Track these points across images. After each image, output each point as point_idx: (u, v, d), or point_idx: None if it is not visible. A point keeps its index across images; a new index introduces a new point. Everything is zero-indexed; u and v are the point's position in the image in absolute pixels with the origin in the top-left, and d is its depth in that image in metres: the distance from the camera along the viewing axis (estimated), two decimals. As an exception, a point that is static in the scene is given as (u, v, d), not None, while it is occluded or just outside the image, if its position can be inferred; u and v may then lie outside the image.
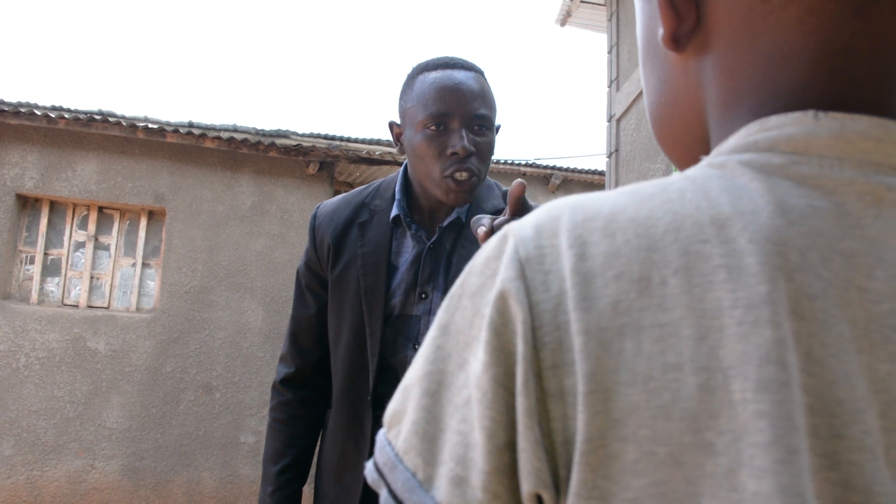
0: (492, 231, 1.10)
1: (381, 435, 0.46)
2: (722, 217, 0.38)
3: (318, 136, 7.81)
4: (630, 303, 0.37)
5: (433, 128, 1.39)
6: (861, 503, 0.34)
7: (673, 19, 0.47)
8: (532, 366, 0.38)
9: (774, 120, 0.42)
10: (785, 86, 0.43)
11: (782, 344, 0.35)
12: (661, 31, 0.48)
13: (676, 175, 0.43)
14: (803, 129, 0.41)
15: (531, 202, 1.15)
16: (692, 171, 0.43)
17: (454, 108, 1.39)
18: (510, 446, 0.38)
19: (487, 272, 0.42)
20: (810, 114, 0.41)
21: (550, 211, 0.42)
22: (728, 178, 0.41)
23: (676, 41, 0.48)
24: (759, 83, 0.44)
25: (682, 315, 0.36)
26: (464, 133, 1.38)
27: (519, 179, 1.11)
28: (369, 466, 0.46)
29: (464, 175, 1.38)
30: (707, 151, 0.49)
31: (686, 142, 0.51)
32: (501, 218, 1.12)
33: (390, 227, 1.52)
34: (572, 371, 0.37)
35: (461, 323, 0.42)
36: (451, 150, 1.38)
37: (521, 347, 0.38)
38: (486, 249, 0.43)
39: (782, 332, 0.35)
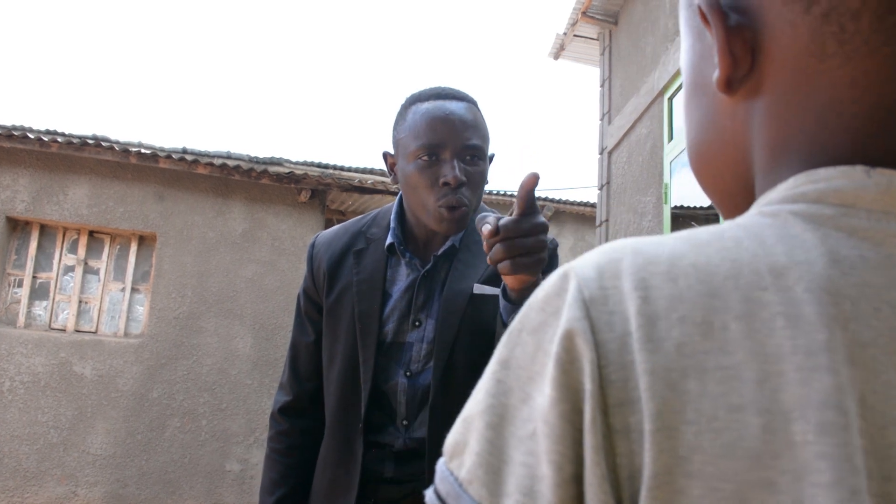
0: (497, 230, 1.10)
1: (441, 465, 0.47)
2: (779, 266, 0.40)
3: (311, 164, 7.84)
4: (694, 345, 0.39)
5: (425, 158, 1.40)
6: None
7: (730, 64, 0.48)
8: (599, 403, 0.39)
9: (823, 172, 0.44)
10: (834, 140, 0.45)
11: (841, 389, 0.37)
12: (716, 72, 0.49)
13: (728, 223, 0.45)
14: (852, 184, 0.43)
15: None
16: (744, 220, 0.45)
17: (445, 139, 1.40)
18: (576, 479, 0.40)
19: (549, 309, 0.43)
20: (859, 169, 0.43)
21: (610, 253, 0.44)
22: (781, 227, 0.43)
23: (729, 84, 0.49)
24: (809, 135, 0.46)
25: (743, 359, 0.38)
26: (455, 163, 1.39)
27: (533, 171, 1.11)
28: (430, 495, 0.47)
29: (454, 205, 1.38)
30: (747, 192, 0.51)
31: (726, 179, 0.53)
32: (507, 217, 1.12)
33: (385, 254, 1.53)
34: (638, 409, 0.39)
35: (522, 358, 0.44)
36: (442, 180, 1.38)
37: (588, 385, 0.40)
38: (546, 287, 0.45)
39: (840, 379, 0.37)
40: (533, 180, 1.10)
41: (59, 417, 6.79)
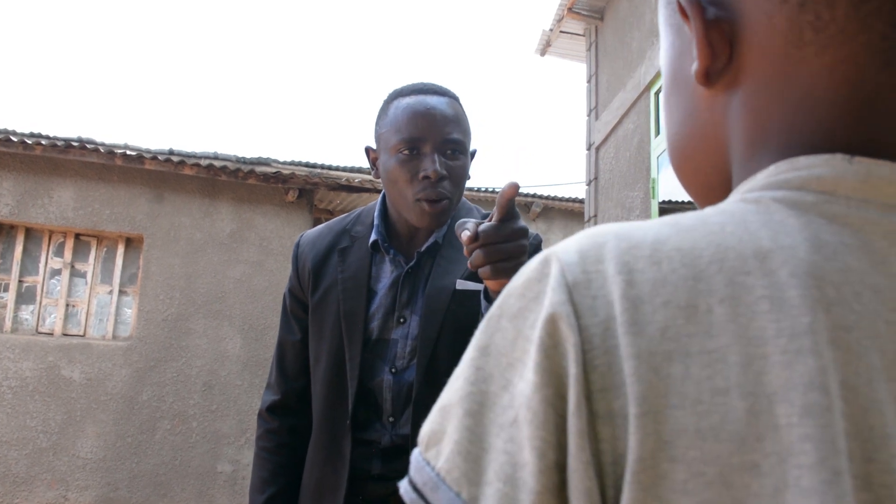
0: (476, 236, 1.10)
1: (416, 455, 0.46)
2: (763, 250, 0.40)
3: (298, 163, 7.82)
4: (678, 329, 0.39)
5: (406, 152, 1.41)
6: None
7: (708, 55, 0.49)
8: (583, 388, 0.39)
9: (804, 161, 0.44)
10: (813, 129, 0.45)
11: (824, 372, 0.37)
12: (694, 65, 0.50)
13: (711, 209, 0.45)
14: (833, 171, 0.43)
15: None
16: (727, 206, 0.45)
17: (426, 133, 1.41)
18: (559, 466, 0.39)
19: (530, 294, 0.43)
20: (839, 157, 0.43)
21: (593, 237, 0.44)
22: (764, 213, 0.43)
23: (708, 77, 0.49)
24: (787, 124, 0.46)
25: (728, 342, 0.38)
26: (436, 157, 1.40)
27: (513, 180, 1.11)
28: (405, 486, 0.46)
29: (435, 198, 1.39)
30: (726, 185, 0.52)
31: (706, 173, 0.53)
32: (486, 223, 1.12)
33: (370, 252, 1.53)
34: (622, 393, 0.38)
35: (502, 344, 0.43)
36: (422, 173, 1.39)
37: (572, 370, 0.39)
38: (526, 272, 0.44)
39: (824, 361, 0.37)
40: (513, 190, 1.10)
41: (48, 422, 6.75)
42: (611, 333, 0.39)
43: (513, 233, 1.12)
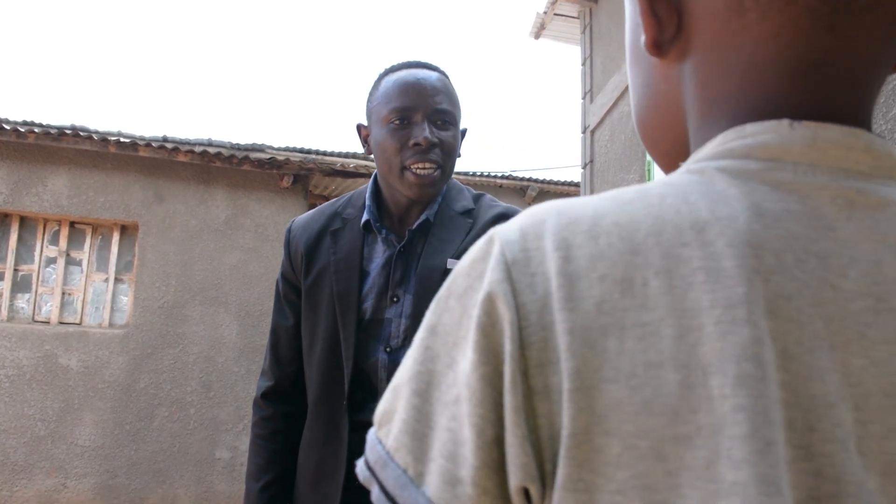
0: None
1: (371, 434, 0.47)
2: (701, 221, 0.40)
3: (293, 149, 7.80)
4: (613, 303, 0.39)
5: (396, 122, 1.44)
6: (832, 491, 0.36)
7: (654, 26, 0.49)
8: (519, 364, 0.39)
9: (750, 128, 0.44)
10: (760, 96, 0.45)
11: (759, 342, 0.36)
12: (643, 36, 0.50)
13: (655, 181, 0.45)
14: (778, 137, 0.43)
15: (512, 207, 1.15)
16: (671, 177, 0.45)
17: (417, 102, 1.44)
18: (498, 442, 0.40)
19: (474, 274, 0.43)
20: (785, 122, 0.43)
21: (535, 215, 0.44)
22: (706, 184, 0.43)
23: (658, 47, 0.49)
24: (734, 92, 0.46)
25: (663, 315, 0.38)
26: (426, 126, 1.42)
27: None
28: (360, 465, 0.47)
29: (427, 166, 1.42)
30: (686, 154, 0.51)
31: (667, 143, 0.53)
32: None
33: (361, 233, 1.54)
34: (558, 369, 0.39)
35: (449, 323, 0.44)
36: (412, 141, 1.42)
37: (508, 347, 0.39)
38: (473, 252, 0.44)
39: (759, 331, 0.37)
40: None
41: (45, 410, 6.76)
42: (548, 310, 0.39)
43: None
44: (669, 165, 0.54)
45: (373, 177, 1.59)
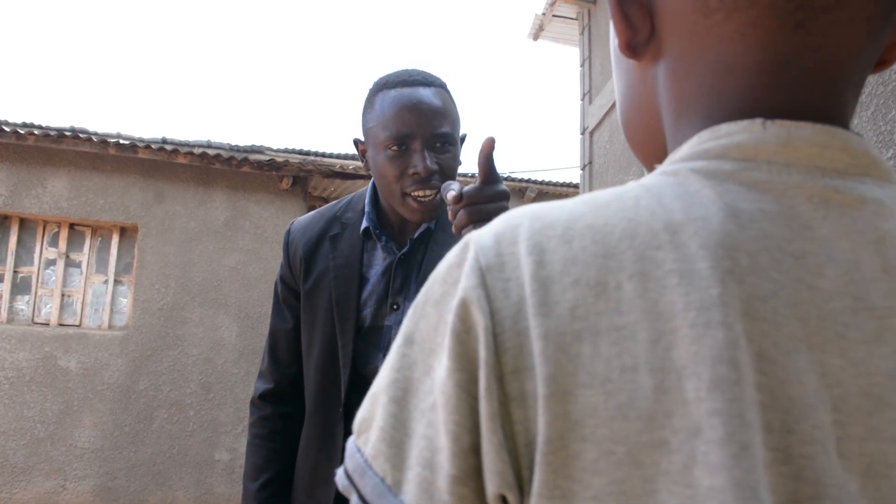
0: (460, 197, 1.10)
1: (350, 442, 0.47)
2: (675, 223, 0.40)
3: (292, 151, 7.79)
4: (587, 307, 0.38)
5: (394, 149, 1.39)
6: (812, 494, 0.35)
7: (627, 29, 0.49)
8: (494, 371, 0.39)
9: (724, 128, 0.44)
10: (732, 95, 0.45)
11: (734, 344, 0.36)
12: (616, 40, 0.50)
13: (632, 184, 0.45)
14: (752, 137, 0.42)
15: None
16: (647, 180, 0.45)
17: (415, 129, 1.38)
18: (475, 449, 0.39)
19: (450, 280, 0.43)
20: (758, 122, 0.43)
21: (510, 220, 0.43)
22: (681, 186, 0.42)
23: (633, 49, 0.49)
24: (706, 93, 0.46)
25: (637, 318, 0.37)
26: (425, 154, 1.38)
27: (489, 136, 1.11)
28: (340, 473, 0.46)
29: (427, 193, 1.38)
30: (665, 155, 0.51)
31: (649, 145, 0.53)
32: (471, 186, 1.12)
33: (361, 239, 1.53)
34: (533, 375, 0.38)
35: (426, 330, 0.43)
36: (412, 170, 1.37)
37: (483, 353, 0.39)
38: (449, 258, 0.44)
39: (734, 334, 0.36)
40: (490, 144, 1.09)
41: (45, 412, 6.76)
42: (522, 315, 0.39)
43: (495, 194, 1.11)
44: (653, 167, 0.54)
45: (371, 182, 1.56)
